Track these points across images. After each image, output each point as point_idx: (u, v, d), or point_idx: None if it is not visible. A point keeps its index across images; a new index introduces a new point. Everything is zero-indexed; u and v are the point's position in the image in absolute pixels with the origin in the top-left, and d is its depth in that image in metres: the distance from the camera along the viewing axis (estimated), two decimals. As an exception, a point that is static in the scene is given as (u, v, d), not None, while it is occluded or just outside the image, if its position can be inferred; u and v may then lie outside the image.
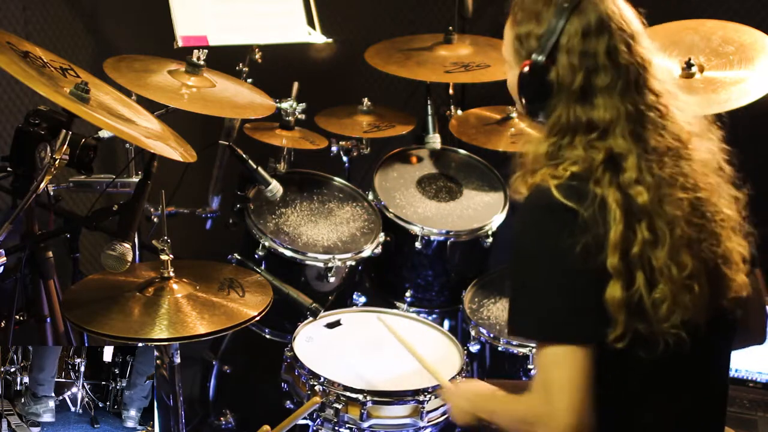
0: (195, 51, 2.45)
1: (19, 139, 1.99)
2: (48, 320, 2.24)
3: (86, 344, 2.29)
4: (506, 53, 1.62)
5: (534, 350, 2.42)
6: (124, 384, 1.74)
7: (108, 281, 2.09)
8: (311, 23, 3.06)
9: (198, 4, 2.86)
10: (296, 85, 2.89)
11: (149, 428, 1.74)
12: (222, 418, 2.77)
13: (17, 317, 2.14)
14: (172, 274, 2.06)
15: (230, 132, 2.82)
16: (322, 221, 2.75)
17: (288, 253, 2.59)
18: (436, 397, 2.13)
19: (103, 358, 1.76)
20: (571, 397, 1.43)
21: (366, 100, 3.10)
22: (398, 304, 2.83)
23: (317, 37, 3.06)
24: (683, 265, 1.44)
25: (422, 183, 2.96)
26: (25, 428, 1.68)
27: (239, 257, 2.59)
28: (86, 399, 1.73)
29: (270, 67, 3.03)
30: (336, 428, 2.12)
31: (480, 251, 2.85)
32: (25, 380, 1.71)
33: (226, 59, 2.84)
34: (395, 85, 3.35)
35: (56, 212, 2.16)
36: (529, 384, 1.50)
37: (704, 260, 1.48)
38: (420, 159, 3.05)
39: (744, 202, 1.58)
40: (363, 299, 2.76)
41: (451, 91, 3.32)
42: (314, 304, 2.39)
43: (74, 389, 1.73)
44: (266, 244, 2.58)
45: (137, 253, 2.64)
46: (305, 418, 2.13)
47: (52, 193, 2.24)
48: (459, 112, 3.21)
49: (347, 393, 2.09)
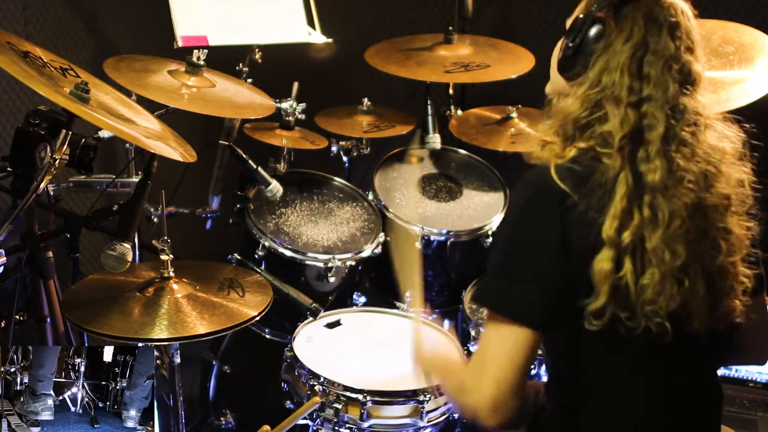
0: (195, 51, 2.45)
1: (19, 139, 1.99)
2: (48, 320, 2.24)
3: (86, 344, 2.30)
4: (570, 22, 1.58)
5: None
6: (124, 384, 1.74)
7: (108, 281, 2.09)
8: (311, 23, 3.06)
9: (198, 4, 2.86)
10: (296, 85, 2.89)
11: (149, 428, 1.74)
12: (222, 418, 2.77)
13: (17, 317, 2.14)
14: (172, 274, 2.06)
15: (230, 132, 2.82)
16: (322, 221, 2.75)
17: (288, 253, 2.59)
18: (436, 397, 2.13)
19: (103, 358, 1.76)
20: (502, 374, 1.45)
21: (366, 100, 3.10)
22: (398, 304, 2.82)
23: (317, 37, 3.06)
24: (677, 254, 1.43)
25: (422, 183, 2.96)
26: (25, 428, 1.68)
27: (239, 257, 2.59)
28: (86, 399, 1.73)
29: (270, 67, 3.03)
30: (336, 428, 2.12)
31: (480, 251, 2.85)
32: (25, 380, 1.70)
33: (226, 59, 2.84)
34: (395, 85, 3.35)
35: (56, 212, 2.16)
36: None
37: (702, 264, 1.46)
38: (420, 159, 3.05)
39: (756, 232, 1.55)
40: (363, 299, 2.76)
41: (451, 91, 3.32)
42: (314, 304, 2.39)
43: (74, 389, 1.73)
44: (266, 244, 2.58)
45: (137, 253, 2.64)
46: (305, 418, 2.13)
47: (52, 193, 2.24)
48: (459, 112, 3.21)
49: (347, 393, 2.09)
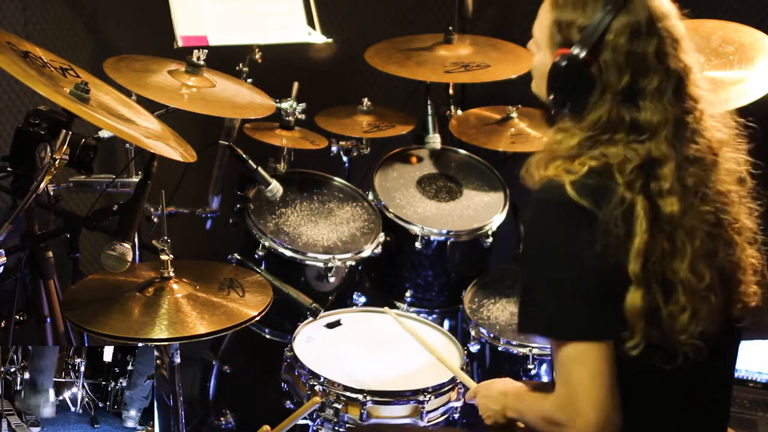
0: (195, 51, 2.45)
1: (19, 139, 1.99)
2: (48, 320, 2.24)
3: (86, 344, 2.30)
4: (538, 33, 1.55)
5: (532, 349, 2.43)
6: (124, 384, 1.74)
7: (108, 281, 2.09)
8: (311, 23, 3.06)
9: (198, 4, 2.86)
10: (296, 85, 2.89)
11: (149, 428, 1.74)
12: (222, 418, 2.77)
13: (17, 317, 2.14)
14: (172, 274, 2.06)
15: (230, 132, 2.81)
16: (322, 221, 2.75)
17: (288, 253, 2.58)
18: (437, 398, 2.13)
19: (103, 358, 1.76)
20: (595, 395, 1.41)
21: (366, 100, 3.10)
22: (398, 304, 2.83)
23: (317, 37, 3.06)
24: (701, 277, 1.43)
25: (422, 183, 2.96)
26: (25, 428, 1.68)
27: (239, 257, 2.59)
28: (86, 399, 1.73)
29: (270, 67, 3.03)
30: (336, 428, 2.12)
31: (480, 251, 2.85)
32: (26, 377, 1.70)
33: (226, 59, 2.84)
34: (395, 85, 3.35)
35: (56, 212, 2.16)
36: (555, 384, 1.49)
37: (720, 269, 1.48)
38: (420, 159, 3.05)
39: (759, 213, 1.56)
40: (363, 299, 2.76)
41: (451, 91, 3.31)
42: (314, 304, 2.39)
43: (74, 389, 1.73)
44: (266, 244, 2.58)
45: (137, 253, 2.64)
46: (305, 418, 2.13)
47: (52, 193, 2.24)
48: (459, 112, 3.21)
49: (347, 393, 2.09)
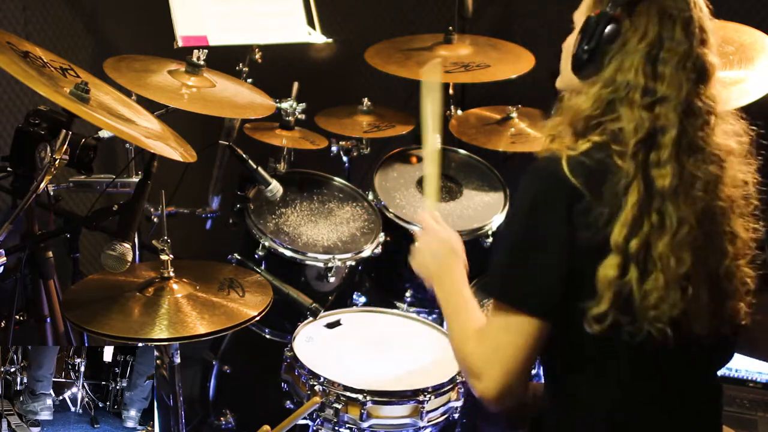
0: (195, 51, 2.45)
1: (19, 139, 1.99)
2: (48, 320, 2.24)
3: (86, 344, 2.30)
4: (577, 18, 1.57)
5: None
6: (124, 384, 1.74)
7: (108, 281, 2.09)
8: (311, 23, 3.06)
9: (198, 4, 2.86)
10: (296, 85, 2.89)
11: (149, 428, 1.74)
12: (222, 418, 2.77)
13: (17, 317, 2.14)
14: (172, 274, 2.06)
15: (230, 132, 2.81)
16: (322, 221, 2.75)
17: (288, 253, 2.58)
18: (437, 397, 2.13)
19: (103, 358, 1.76)
20: (509, 363, 1.46)
21: (366, 100, 3.10)
22: (398, 304, 2.82)
23: (317, 37, 3.06)
24: (682, 261, 1.43)
25: (422, 183, 2.96)
26: (25, 428, 1.68)
27: (239, 257, 2.59)
28: (86, 399, 1.73)
29: (270, 67, 3.03)
30: (336, 428, 2.12)
31: (480, 251, 2.84)
32: (25, 380, 1.70)
33: (226, 59, 2.84)
34: (395, 85, 3.35)
35: (56, 212, 2.16)
36: (480, 331, 1.53)
37: (707, 271, 1.47)
38: (420, 159, 3.05)
39: (758, 234, 1.55)
40: (363, 299, 2.76)
41: (451, 91, 3.31)
42: (314, 304, 2.38)
43: (74, 389, 1.73)
44: (266, 244, 2.58)
45: (137, 253, 2.64)
46: (305, 418, 2.13)
47: (52, 193, 2.24)
48: (459, 112, 3.21)
49: (347, 393, 2.09)
